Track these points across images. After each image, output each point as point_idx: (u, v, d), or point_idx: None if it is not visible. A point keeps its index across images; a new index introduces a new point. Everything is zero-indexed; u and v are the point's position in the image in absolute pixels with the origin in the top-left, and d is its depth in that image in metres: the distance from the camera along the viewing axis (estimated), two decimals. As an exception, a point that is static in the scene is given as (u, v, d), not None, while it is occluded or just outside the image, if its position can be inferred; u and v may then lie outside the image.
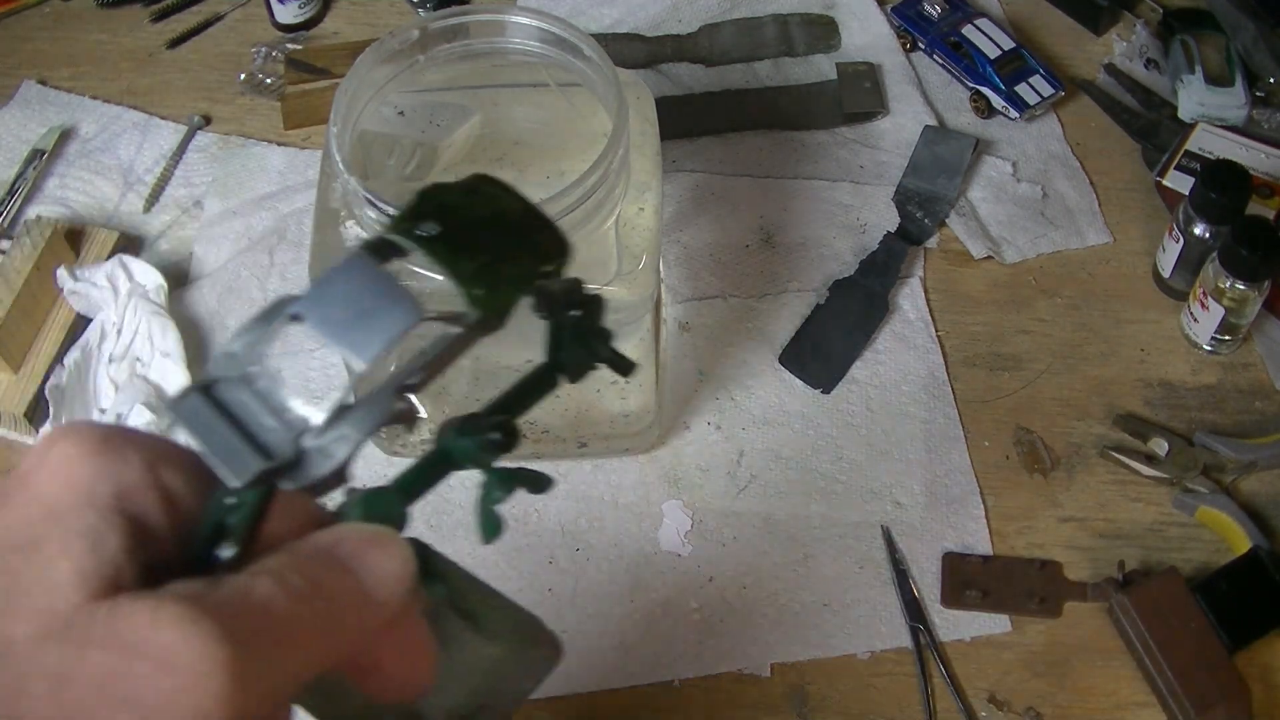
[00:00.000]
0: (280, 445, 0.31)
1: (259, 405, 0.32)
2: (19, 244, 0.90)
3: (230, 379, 0.32)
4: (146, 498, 0.31)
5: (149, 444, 0.32)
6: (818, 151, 1.03)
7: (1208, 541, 0.83)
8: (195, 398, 0.31)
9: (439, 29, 0.72)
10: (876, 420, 0.88)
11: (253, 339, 0.32)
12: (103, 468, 0.31)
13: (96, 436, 0.32)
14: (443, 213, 0.34)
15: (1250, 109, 1.03)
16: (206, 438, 0.31)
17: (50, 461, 0.31)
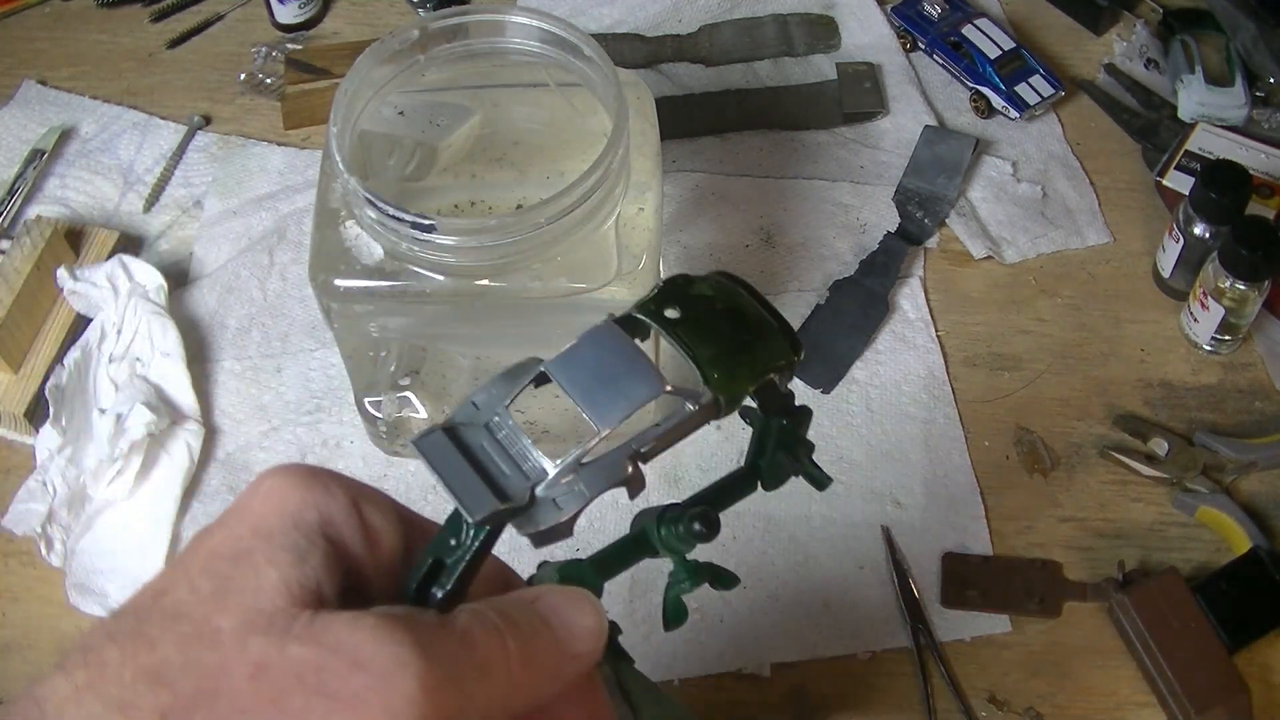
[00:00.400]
0: (516, 490, 0.34)
1: (498, 453, 0.34)
2: (19, 244, 0.90)
3: (472, 425, 0.34)
4: (349, 528, 0.34)
5: (354, 484, 0.35)
6: (818, 151, 1.03)
7: (1208, 541, 0.83)
8: (439, 435, 0.34)
9: (439, 29, 0.72)
10: (876, 420, 0.88)
11: (498, 392, 0.35)
12: (310, 498, 0.34)
13: (306, 471, 0.34)
14: (686, 300, 0.37)
15: (1250, 109, 1.03)
16: (447, 473, 0.33)
17: (261, 491, 0.34)
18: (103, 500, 0.83)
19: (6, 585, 0.83)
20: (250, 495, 0.34)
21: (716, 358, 0.36)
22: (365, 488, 0.35)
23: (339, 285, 0.68)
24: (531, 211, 0.65)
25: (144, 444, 0.83)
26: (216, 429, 0.88)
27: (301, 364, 0.92)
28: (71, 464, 0.84)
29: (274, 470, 0.35)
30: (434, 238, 0.64)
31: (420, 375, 0.80)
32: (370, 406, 0.81)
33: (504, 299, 0.69)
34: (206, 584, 0.32)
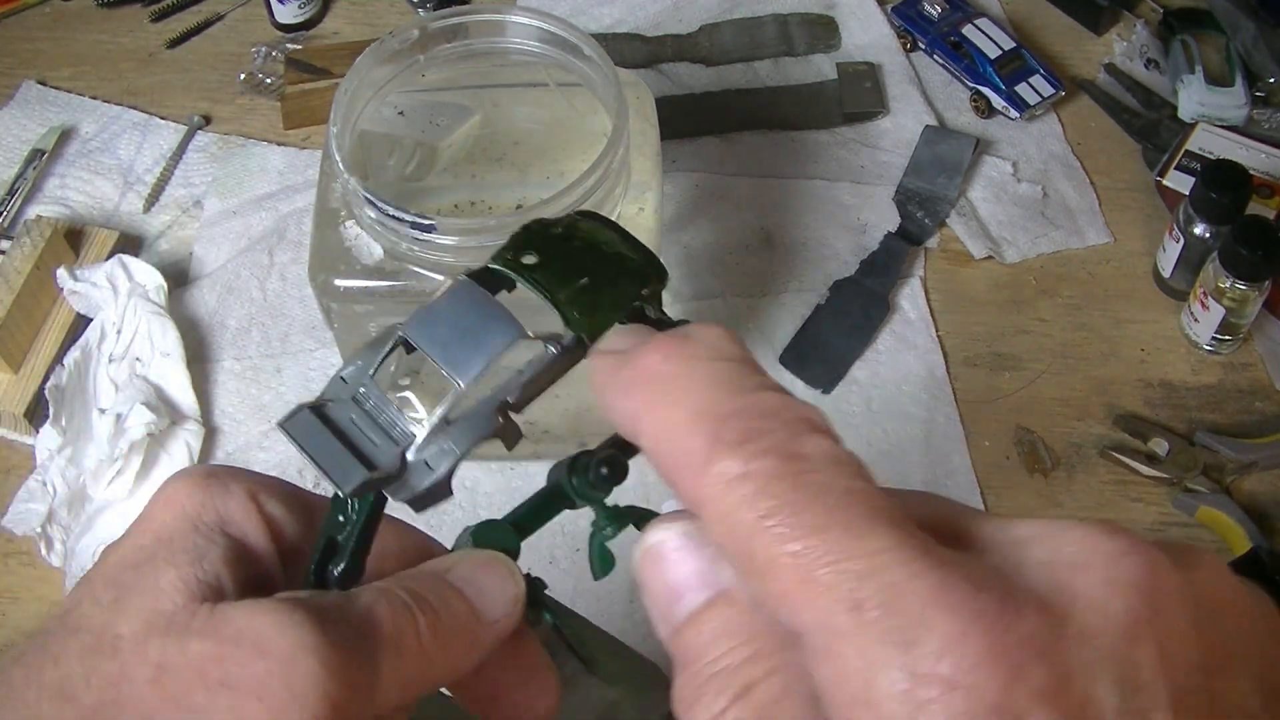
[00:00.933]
0: (386, 458, 0.33)
1: (367, 423, 0.34)
2: (19, 244, 0.90)
3: (340, 400, 0.34)
4: (249, 522, 0.34)
5: (251, 477, 0.35)
6: (818, 151, 1.03)
7: (1208, 541, 0.83)
8: (305, 414, 0.34)
9: (439, 29, 0.72)
10: (876, 420, 0.88)
11: (363, 363, 0.35)
12: (207, 498, 0.34)
13: (203, 472, 0.35)
14: (543, 243, 0.36)
15: (1250, 109, 1.03)
16: (315, 450, 0.33)
17: (162, 498, 0.34)
18: (103, 500, 0.83)
19: (6, 585, 0.83)
20: (152, 503, 0.34)
21: (575, 295, 0.35)
22: (264, 479, 0.35)
23: (339, 285, 0.68)
24: (531, 211, 0.65)
25: (144, 444, 0.83)
26: (216, 429, 0.88)
27: (301, 364, 0.92)
28: (71, 464, 0.84)
29: (174, 475, 0.35)
30: (434, 238, 0.64)
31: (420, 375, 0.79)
32: (370, 406, 0.81)
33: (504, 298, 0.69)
34: (107, 594, 0.31)
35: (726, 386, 0.26)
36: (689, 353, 0.27)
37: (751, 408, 0.26)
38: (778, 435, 0.25)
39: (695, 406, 0.26)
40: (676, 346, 0.28)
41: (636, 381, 0.28)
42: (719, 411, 0.26)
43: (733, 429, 0.25)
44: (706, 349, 0.28)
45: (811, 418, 0.26)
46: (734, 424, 0.25)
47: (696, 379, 0.27)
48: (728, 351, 0.28)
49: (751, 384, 0.27)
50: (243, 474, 0.35)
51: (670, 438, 0.26)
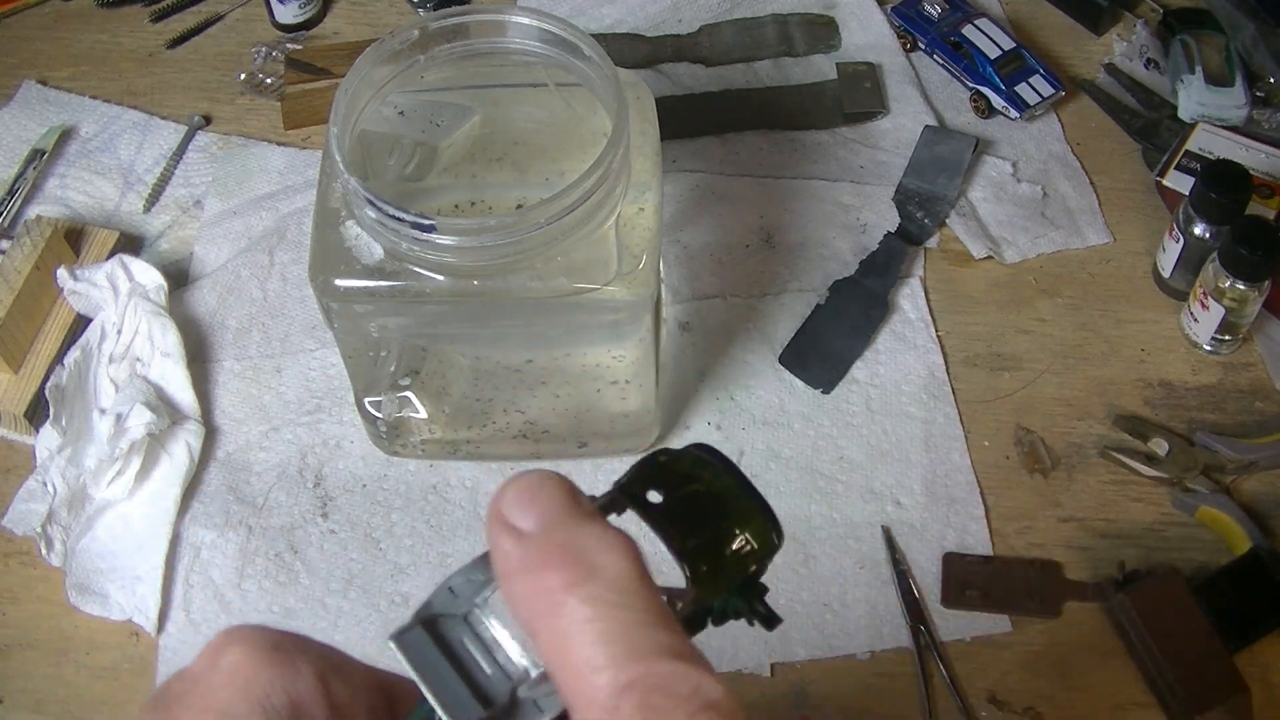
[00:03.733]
0: (498, 693, 0.32)
1: (477, 647, 0.33)
2: (19, 244, 0.90)
3: (451, 616, 0.33)
4: (317, 709, 0.32)
5: (320, 653, 0.33)
6: (818, 151, 1.03)
7: (1208, 541, 0.83)
8: (419, 633, 0.33)
9: (439, 29, 0.72)
10: (876, 420, 0.88)
11: (477, 578, 0.34)
12: (276, 677, 0.31)
13: (269, 643, 0.32)
14: (666, 480, 0.36)
15: (1250, 109, 1.03)
16: (430, 678, 0.32)
17: (223, 667, 0.31)
18: (103, 500, 0.83)
19: (6, 585, 0.83)
20: (211, 669, 0.32)
21: (701, 550, 0.35)
22: (333, 656, 0.34)
23: (339, 285, 0.68)
24: (531, 211, 0.65)
25: (144, 444, 0.83)
26: (216, 429, 0.88)
27: (301, 364, 0.92)
28: (71, 464, 0.84)
29: (237, 639, 0.32)
30: (434, 238, 0.64)
31: (420, 375, 0.80)
32: (370, 406, 0.81)
33: (504, 299, 0.69)
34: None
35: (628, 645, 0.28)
36: (593, 594, 0.28)
37: (650, 679, 0.27)
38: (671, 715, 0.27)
39: (596, 659, 0.28)
40: (583, 580, 0.28)
41: (538, 598, 0.29)
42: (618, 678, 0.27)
43: (631, 702, 0.27)
44: (613, 592, 0.29)
45: (706, 690, 0.27)
46: (633, 697, 0.27)
47: (600, 627, 0.28)
48: (633, 598, 0.29)
49: (650, 644, 0.28)
50: (310, 647, 0.33)
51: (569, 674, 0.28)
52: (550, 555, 0.29)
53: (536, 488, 0.31)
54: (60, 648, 0.80)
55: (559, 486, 0.31)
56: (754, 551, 0.36)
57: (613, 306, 0.69)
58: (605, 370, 0.77)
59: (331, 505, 0.85)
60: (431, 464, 0.86)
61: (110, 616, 0.80)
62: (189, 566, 0.82)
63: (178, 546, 0.83)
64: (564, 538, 0.29)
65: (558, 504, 0.30)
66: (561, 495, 0.30)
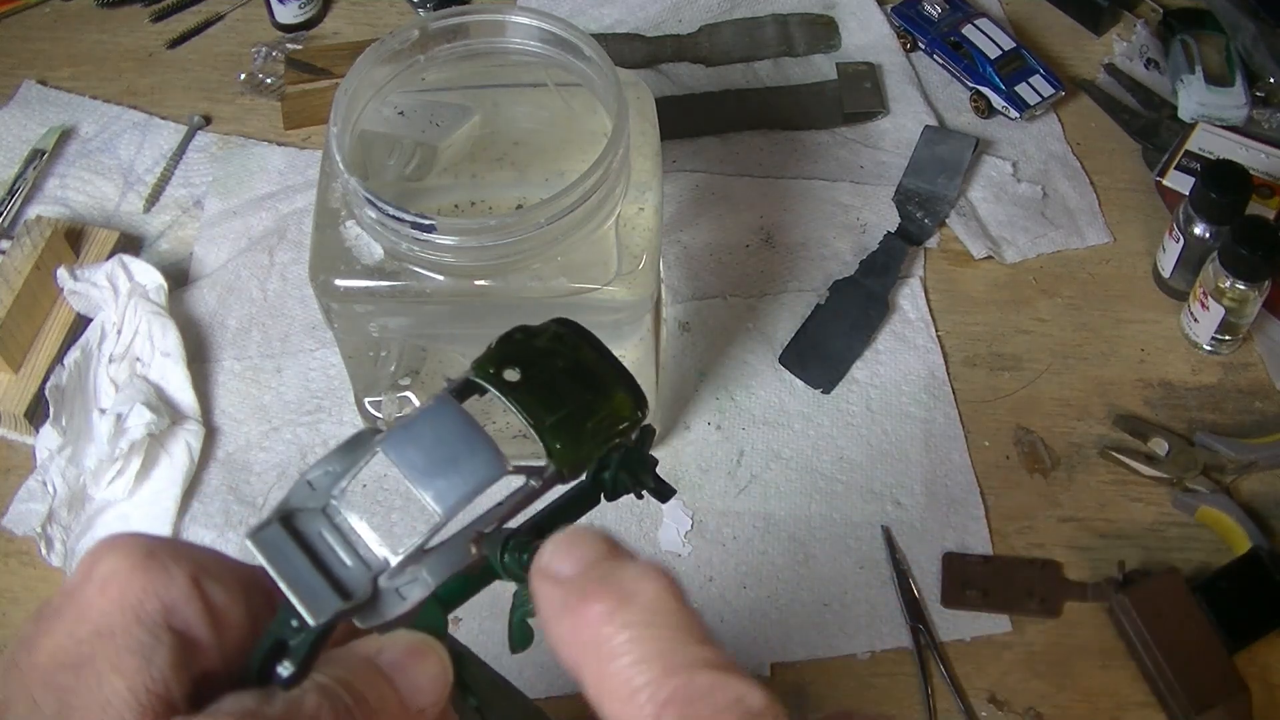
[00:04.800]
0: (357, 584, 0.32)
1: (337, 539, 0.33)
2: (19, 244, 0.90)
3: (309, 510, 0.33)
4: (192, 612, 0.32)
5: (194, 557, 0.33)
6: (818, 151, 1.03)
7: (1208, 541, 0.83)
8: (275, 529, 0.33)
9: (439, 29, 0.72)
10: (876, 420, 0.88)
11: (334, 470, 0.34)
12: (149, 584, 0.31)
13: (141, 551, 0.32)
14: (525, 358, 0.35)
15: (1250, 109, 1.03)
16: (286, 572, 0.32)
17: (96, 578, 0.31)
18: (103, 500, 0.83)
19: (6, 585, 0.83)
20: (84, 581, 0.31)
21: (559, 425, 0.34)
22: (206, 558, 0.33)
23: (339, 285, 0.68)
24: (531, 211, 0.65)
25: (144, 444, 0.83)
26: (216, 429, 0.88)
27: (301, 364, 0.92)
28: (71, 464, 0.84)
29: (109, 548, 0.32)
30: (434, 238, 0.64)
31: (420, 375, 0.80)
32: (370, 406, 0.81)
33: (504, 299, 0.69)
34: (49, 699, 0.29)
35: (666, 661, 0.28)
36: (630, 619, 0.29)
37: (689, 690, 0.28)
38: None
39: (635, 679, 0.28)
40: (619, 607, 0.29)
41: (579, 632, 0.30)
42: (658, 695, 0.28)
43: (673, 713, 0.27)
44: (649, 614, 0.29)
45: (747, 699, 0.28)
46: (673, 710, 0.27)
47: (637, 648, 0.29)
48: (667, 617, 0.29)
49: (687, 659, 0.28)
50: (184, 552, 0.33)
51: (611, 700, 0.29)
52: (588, 590, 0.30)
53: (575, 538, 0.32)
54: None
55: (596, 535, 0.32)
56: (615, 423, 0.36)
57: (613, 306, 0.69)
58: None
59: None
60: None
61: (110, 616, 0.80)
62: (189, 566, 0.82)
63: (178, 546, 0.83)
64: (601, 573, 0.30)
65: (595, 549, 0.31)
66: (599, 541, 0.31)
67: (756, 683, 0.28)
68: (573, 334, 0.37)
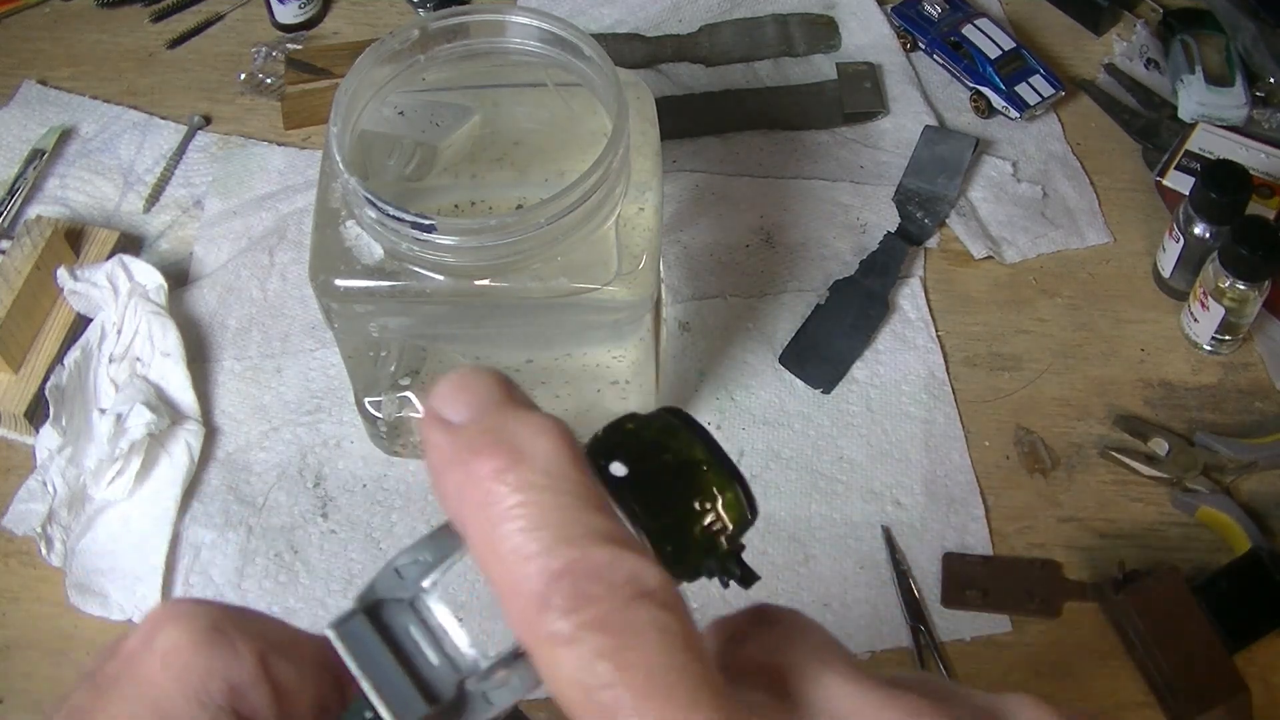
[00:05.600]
0: (443, 686, 0.31)
1: (423, 637, 0.31)
2: (19, 244, 0.90)
3: (395, 601, 0.31)
4: (259, 695, 0.30)
5: (262, 632, 0.31)
6: (818, 151, 1.03)
7: (1208, 541, 0.83)
8: (360, 621, 0.31)
9: (439, 29, 0.72)
10: (876, 420, 0.88)
11: (424, 560, 0.32)
12: (214, 662, 0.29)
13: (206, 624, 0.30)
14: (633, 451, 0.33)
15: (1250, 109, 1.03)
16: (369, 669, 0.30)
17: (158, 650, 0.30)
18: (103, 500, 0.83)
19: (6, 585, 0.83)
20: (145, 650, 0.30)
21: (669, 530, 0.33)
22: (275, 633, 0.31)
23: (339, 285, 0.68)
24: (531, 211, 0.65)
25: (144, 444, 0.83)
26: (216, 429, 0.88)
27: (301, 364, 0.92)
28: (71, 464, 0.84)
29: (172, 618, 0.30)
30: (434, 238, 0.64)
31: (420, 375, 0.80)
32: (370, 406, 0.81)
33: (504, 299, 0.69)
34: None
35: (559, 530, 0.26)
36: (525, 480, 0.27)
37: (582, 565, 0.26)
38: (605, 604, 0.26)
39: (526, 547, 0.26)
40: (511, 465, 0.27)
41: (467, 489, 0.27)
42: (549, 565, 0.26)
43: (563, 591, 0.26)
44: (543, 475, 0.27)
45: (642, 577, 0.26)
46: (565, 585, 0.26)
47: (529, 512, 0.27)
48: (563, 481, 0.27)
49: (582, 529, 0.27)
50: (252, 626, 0.31)
51: (499, 564, 0.27)
52: (478, 443, 0.27)
53: (468, 379, 0.29)
54: (60, 648, 0.80)
55: (490, 377, 0.29)
56: (724, 528, 0.35)
57: (613, 306, 0.69)
58: (605, 370, 0.77)
59: (331, 505, 0.85)
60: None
61: (110, 616, 0.80)
62: (189, 566, 0.82)
63: (178, 546, 0.83)
64: (493, 424, 0.28)
65: (488, 394, 0.29)
66: (492, 385, 0.29)
67: (652, 559, 0.27)
68: (685, 426, 0.35)
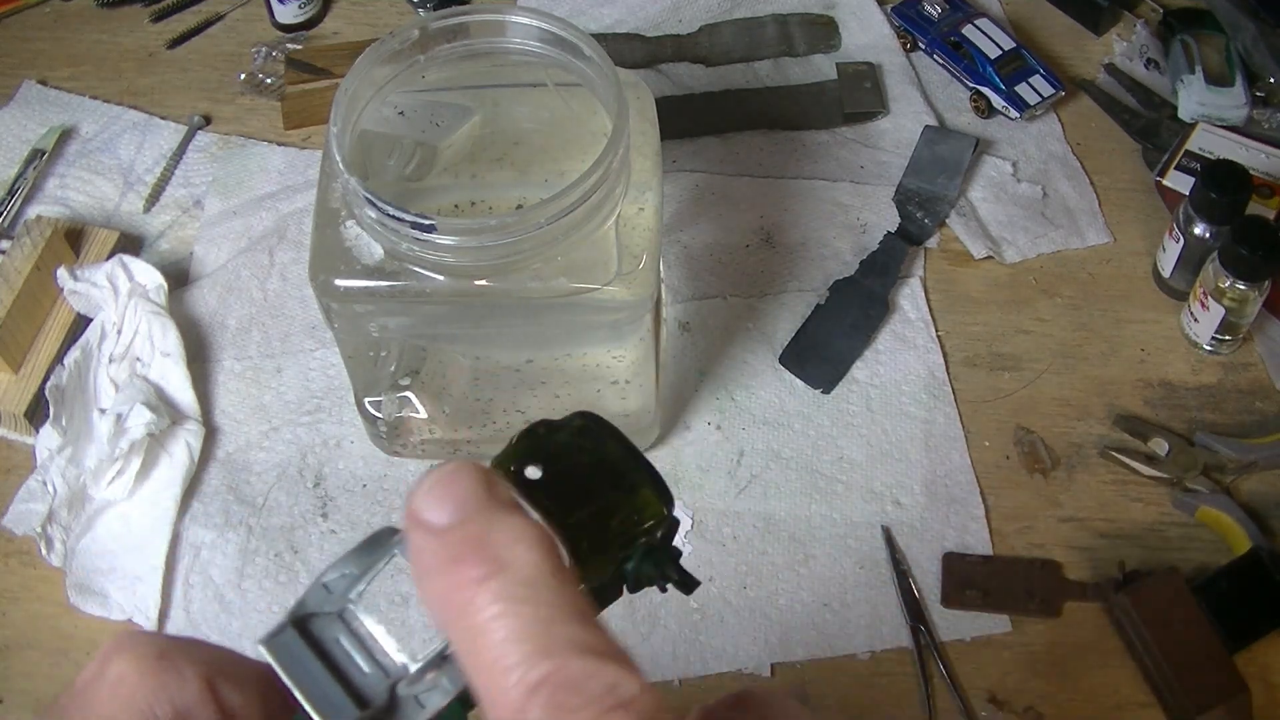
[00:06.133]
0: (375, 692, 0.31)
1: (354, 644, 0.32)
2: (19, 244, 0.90)
3: (325, 615, 0.32)
4: (204, 716, 0.31)
5: (207, 658, 0.32)
6: (818, 151, 1.03)
7: (1208, 541, 0.83)
8: (290, 634, 0.32)
9: (439, 29, 0.72)
10: (876, 420, 0.88)
11: (350, 572, 0.33)
12: (160, 689, 0.30)
13: (153, 653, 0.31)
14: (547, 454, 0.34)
15: (1250, 109, 1.03)
16: (301, 680, 0.31)
17: (108, 679, 0.31)
18: (103, 500, 0.83)
19: (6, 585, 0.83)
20: (97, 680, 0.31)
21: (583, 525, 0.33)
22: (220, 658, 0.32)
23: (339, 285, 0.68)
24: (531, 211, 0.65)
25: (144, 444, 0.83)
26: (216, 429, 0.88)
27: (301, 364, 0.92)
28: (71, 464, 0.84)
29: (119, 649, 0.31)
30: (434, 238, 0.64)
31: (420, 375, 0.80)
32: (370, 406, 0.81)
33: (504, 299, 0.69)
34: None
35: (538, 642, 0.27)
36: (505, 590, 0.27)
37: (561, 677, 0.26)
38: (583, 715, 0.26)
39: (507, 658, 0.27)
40: (492, 574, 0.28)
41: (450, 594, 0.28)
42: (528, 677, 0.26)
43: (541, 703, 0.26)
44: (523, 586, 0.28)
45: (621, 688, 0.27)
46: (543, 696, 0.26)
47: (509, 623, 0.27)
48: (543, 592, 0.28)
49: (562, 640, 0.27)
50: (197, 653, 0.32)
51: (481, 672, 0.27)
52: (461, 550, 0.28)
53: (450, 479, 0.29)
54: (60, 648, 0.80)
55: (472, 476, 0.29)
56: (640, 522, 0.35)
57: (613, 306, 0.69)
58: (605, 370, 0.77)
59: (331, 505, 0.85)
60: (432, 464, 0.86)
61: (110, 616, 0.80)
62: (189, 566, 0.82)
63: (178, 546, 0.83)
64: (476, 530, 0.28)
65: (470, 495, 0.29)
66: (474, 485, 0.29)
67: (632, 670, 0.27)
68: (596, 427, 0.36)
